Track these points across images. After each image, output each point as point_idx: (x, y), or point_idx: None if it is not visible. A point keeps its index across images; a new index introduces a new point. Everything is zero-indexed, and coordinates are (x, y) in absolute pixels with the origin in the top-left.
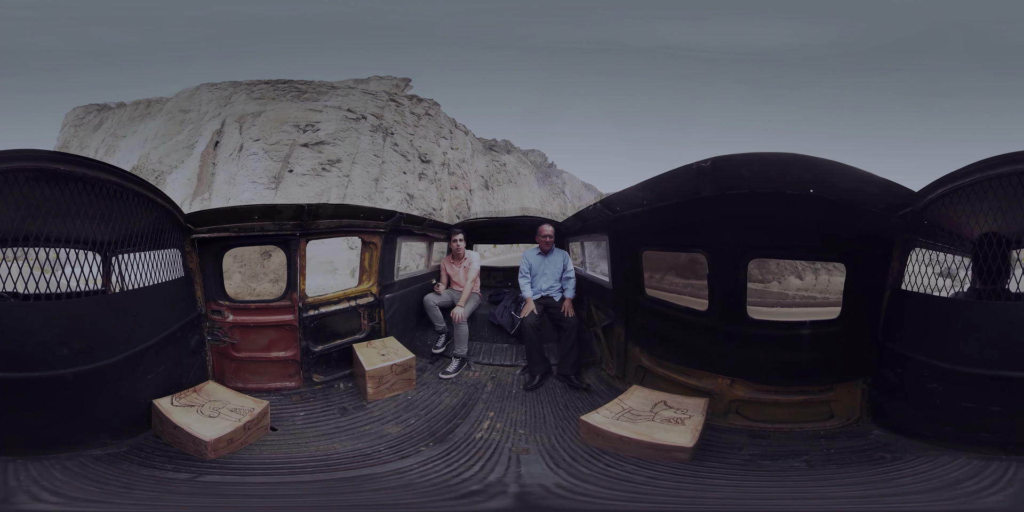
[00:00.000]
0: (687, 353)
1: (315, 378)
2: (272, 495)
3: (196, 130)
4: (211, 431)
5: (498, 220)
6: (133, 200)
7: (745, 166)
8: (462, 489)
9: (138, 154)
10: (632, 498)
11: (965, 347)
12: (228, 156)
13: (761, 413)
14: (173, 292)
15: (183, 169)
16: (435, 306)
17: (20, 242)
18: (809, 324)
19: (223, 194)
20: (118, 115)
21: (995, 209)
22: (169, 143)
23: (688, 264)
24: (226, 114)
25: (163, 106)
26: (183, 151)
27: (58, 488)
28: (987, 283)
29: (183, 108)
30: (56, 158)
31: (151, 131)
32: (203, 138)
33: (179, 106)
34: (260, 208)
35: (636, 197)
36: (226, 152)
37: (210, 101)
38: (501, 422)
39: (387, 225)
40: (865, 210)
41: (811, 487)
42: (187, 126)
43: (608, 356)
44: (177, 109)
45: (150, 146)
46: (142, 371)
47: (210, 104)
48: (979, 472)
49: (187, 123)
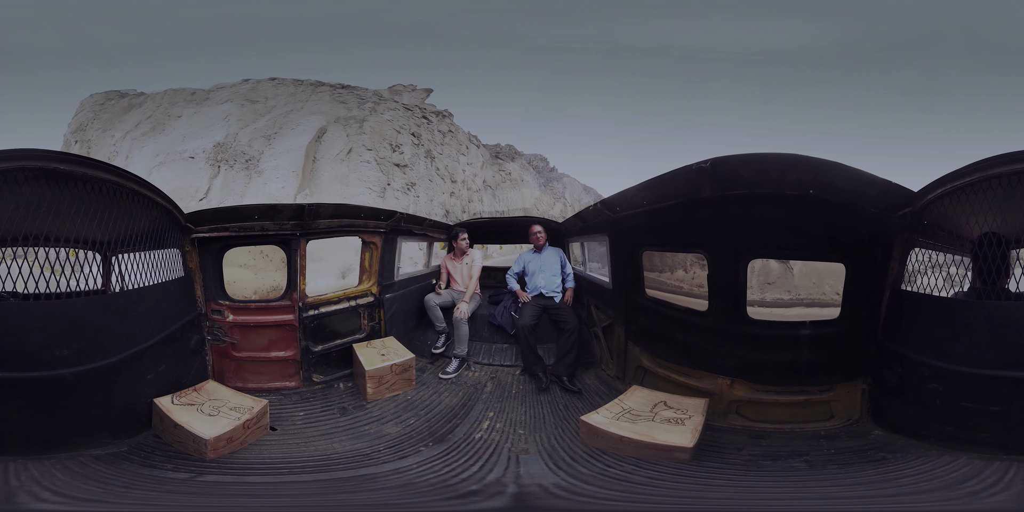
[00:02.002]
0: (687, 353)
1: (315, 378)
2: (272, 495)
3: (277, 122)
4: (211, 429)
5: (498, 220)
6: (133, 199)
7: (745, 167)
8: (461, 489)
9: (223, 133)
10: (632, 498)
11: (965, 347)
12: (335, 156)
13: (761, 413)
14: (173, 292)
15: (277, 158)
16: (436, 306)
17: (20, 242)
18: (809, 324)
19: (336, 192)
20: (157, 100)
21: (995, 209)
22: (247, 129)
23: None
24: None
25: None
26: (262, 140)
27: (59, 488)
28: (987, 283)
29: (250, 98)
30: (56, 157)
31: (219, 114)
32: (301, 133)
33: (246, 96)
34: (260, 208)
35: (636, 197)
36: (331, 151)
37: (276, 96)
38: (501, 422)
39: (387, 225)
40: (865, 210)
41: (811, 487)
42: (262, 116)
43: (608, 356)
44: (244, 99)
45: (229, 127)
46: (142, 371)
47: (277, 99)
48: (980, 472)
49: (261, 113)
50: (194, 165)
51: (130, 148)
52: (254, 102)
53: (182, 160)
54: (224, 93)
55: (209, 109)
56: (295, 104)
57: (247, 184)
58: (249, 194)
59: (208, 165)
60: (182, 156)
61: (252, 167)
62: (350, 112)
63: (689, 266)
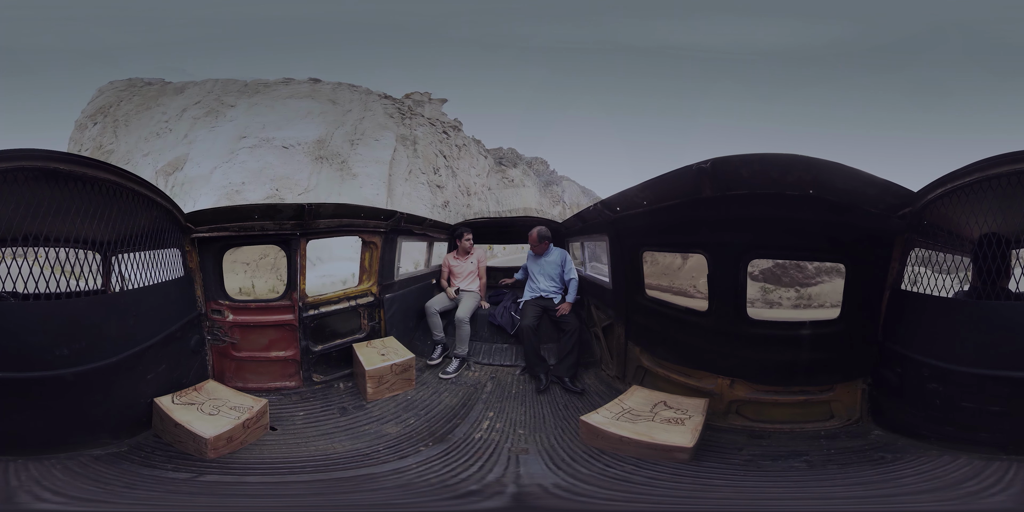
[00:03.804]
0: (687, 353)
1: (315, 378)
2: (272, 495)
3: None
4: (211, 429)
5: (498, 220)
6: (133, 199)
7: (745, 167)
8: (461, 489)
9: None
10: (631, 498)
11: (965, 347)
12: (400, 174)
13: (761, 413)
14: (173, 292)
15: (366, 166)
16: (436, 314)
17: (20, 242)
18: (809, 324)
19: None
20: (207, 88)
21: (995, 209)
22: (340, 131)
23: None
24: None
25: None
26: (347, 145)
27: (60, 488)
28: (987, 283)
29: (332, 99)
30: (55, 157)
31: (298, 109)
32: (381, 147)
33: (328, 96)
34: (260, 207)
35: (636, 197)
36: (401, 169)
37: (351, 101)
38: (500, 422)
39: (387, 225)
40: (865, 211)
41: (811, 487)
42: (336, 125)
43: (608, 356)
44: (326, 99)
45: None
46: (142, 371)
47: (352, 103)
48: (980, 472)
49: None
50: (290, 156)
51: (190, 127)
52: (335, 103)
53: (274, 148)
54: (291, 89)
55: (275, 102)
56: (364, 112)
57: (341, 184)
58: (345, 194)
59: (310, 159)
60: (272, 144)
61: (346, 169)
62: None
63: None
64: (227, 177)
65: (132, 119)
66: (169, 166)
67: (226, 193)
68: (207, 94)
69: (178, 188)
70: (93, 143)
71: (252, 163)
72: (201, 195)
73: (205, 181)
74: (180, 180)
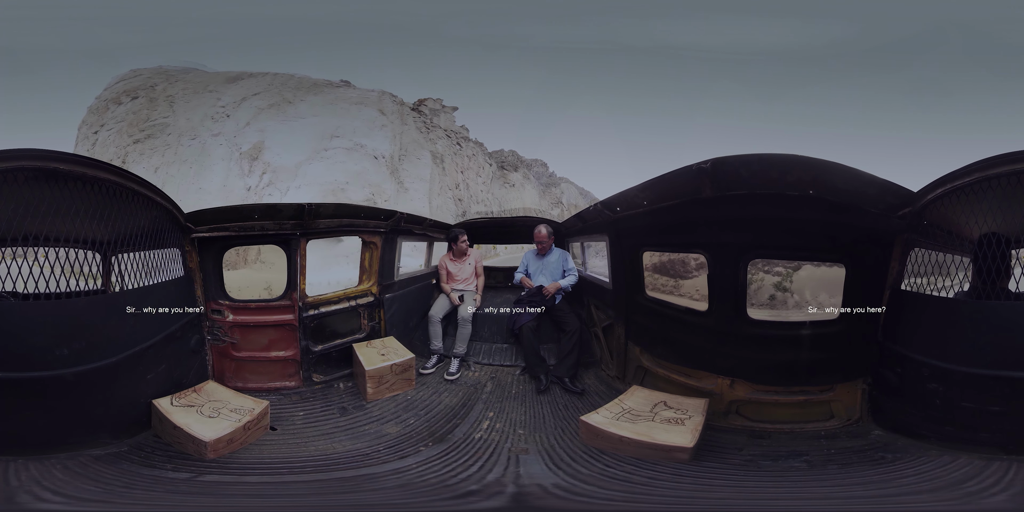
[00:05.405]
0: (687, 353)
1: (315, 378)
2: (271, 495)
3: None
4: (211, 431)
5: (498, 220)
6: (133, 199)
7: (745, 167)
8: (460, 489)
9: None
10: (631, 498)
11: (965, 347)
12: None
13: (761, 413)
14: (173, 292)
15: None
16: (439, 322)
17: (20, 242)
18: (809, 324)
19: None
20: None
21: (995, 209)
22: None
23: None
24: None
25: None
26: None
27: (60, 488)
28: (987, 283)
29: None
30: (55, 157)
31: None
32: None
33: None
34: (260, 207)
35: (636, 198)
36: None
37: (393, 112)
38: (500, 422)
39: (387, 225)
40: (865, 211)
41: (812, 487)
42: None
43: (608, 356)
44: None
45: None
46: (142, 371)
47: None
48: (980, 472)
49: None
50: (379, 165)
51: (254, 116)
52: (383, 113)
53: (366, 155)
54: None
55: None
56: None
57: (397, 195)
58: (400, 205)
59: (388, 171)
60: (364, 151)
61: (399, 181)
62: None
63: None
64: (325, 175)
65: (179, 99)
66: (254, 149)
67: (331, 190)
68: (268, 86)
69: (270, 175)
70: (136, 116)
71: (351, 165)
72: (294, 187)
73: (291, 173)
74: (261, 168)
